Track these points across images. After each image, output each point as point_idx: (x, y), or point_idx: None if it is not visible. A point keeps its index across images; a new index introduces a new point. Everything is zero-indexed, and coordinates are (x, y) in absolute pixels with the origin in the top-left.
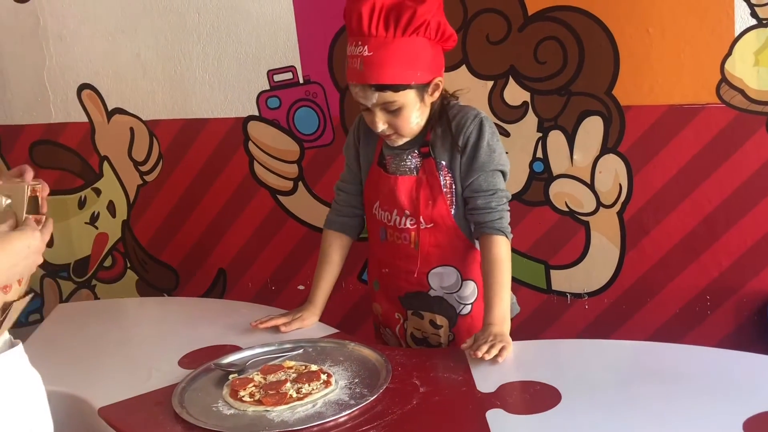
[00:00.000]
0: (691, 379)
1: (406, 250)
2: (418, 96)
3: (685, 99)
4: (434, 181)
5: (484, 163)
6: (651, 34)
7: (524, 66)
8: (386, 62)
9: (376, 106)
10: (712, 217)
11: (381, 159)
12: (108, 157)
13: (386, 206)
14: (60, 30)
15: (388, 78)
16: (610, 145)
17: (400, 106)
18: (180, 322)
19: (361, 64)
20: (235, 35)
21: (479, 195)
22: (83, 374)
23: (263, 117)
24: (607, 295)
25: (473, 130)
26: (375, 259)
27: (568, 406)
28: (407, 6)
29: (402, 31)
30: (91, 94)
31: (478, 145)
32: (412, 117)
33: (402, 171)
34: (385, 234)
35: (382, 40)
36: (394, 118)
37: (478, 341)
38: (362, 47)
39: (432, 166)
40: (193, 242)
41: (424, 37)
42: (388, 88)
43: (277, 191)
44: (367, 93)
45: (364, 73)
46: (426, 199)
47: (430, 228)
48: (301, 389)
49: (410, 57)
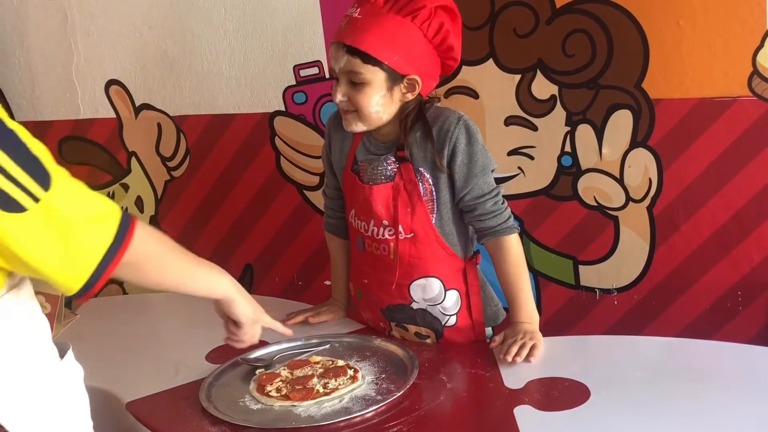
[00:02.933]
0: (722, 376)
1: (384, 261)
2: (388, 81)
3: (716, 92)
4: (412, 187)
5: (483, 165)
6: (681, 27)
7: (552, 59)
8: (369, 29)
9: (342, 73)
10: (743, 211)
11: (354, 164)
12: (136, 153)
13: (362, 216)
14: (88, 26)
15: (363, 44)
16: (640, 138)
17: (364, 82)
18: (207, 317)
19: (346, 23)
20: (261, 31)
21: (486, 199)
22: (111, 369)
23: (290, 112)
24: (637, 291)
25: (460, 135)
26: (355, 268)
27: (597, 403)
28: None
29: (398, 9)
30: (118, 90)
31: (473, 149)
32: (373, 100)
33: (377, 179)
34: (363, 244)
35: (376, 8)
36: (354, 92)
37: (506, 341)
38: (356, 9)
39: (410, 171)
40: (220, 238)
41: (419, 28)
42: (358, 55)
43: (304, 186)
44: (339, 54)
45: (345, 31)
46: (404, 207)
47: (410, 238)
48: (327, 384)
49: (395, 37)
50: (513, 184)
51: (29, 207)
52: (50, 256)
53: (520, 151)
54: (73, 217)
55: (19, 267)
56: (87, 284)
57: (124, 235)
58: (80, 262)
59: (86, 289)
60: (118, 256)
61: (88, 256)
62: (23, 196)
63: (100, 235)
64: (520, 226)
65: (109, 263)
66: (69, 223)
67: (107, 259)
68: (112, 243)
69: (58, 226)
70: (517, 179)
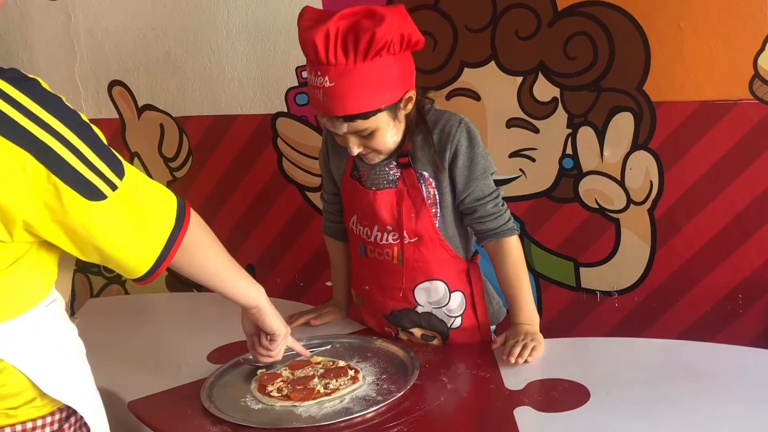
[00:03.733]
0: (722, 378)
1: (389, 267)
2: (391, 116)
3: (717, 95)
4: (416, 192)
5: (484, 168)
6: (683, 29)
7: (554, 62)
8: (350, 92)
9: (348, 134)
10: (744, 214)
11: (354, 170)
12: (138, 154)
13: (365, 222)
14: (91, 27)
15: (354, 108)
16: (641, 141)
17: (374, 130)
18: (209, 317)
19: (324, 96)
20: (264, 32)
21: (486, 201)
22: (113, 368)
23: (292, 113)
24: (638, 293)
25: (461, 138)
26: (356, 275)
27: (596, 404)
28: (365, 28)
29: (363, 56)
30: (121, 90)
31: (474, 152)
32: (387, 137)
33: (380, 184)
34: (365, 250)
35: (342, 68)
36: (368, 141)
37: (508, 342)
38: (322, 77)
39: (413, 177)
40: (222, 238)
41: (388, 55)
42: (357, 117)
43: (306, 187)
44: (336, 123)
45: (329, 104)
46: (409, 212)
47: (414, 242)
48: (328, 385)
49: (375, 81)
50: (514, 186)
51: (109, 195)
52: (126, 242)
53: (521, 153)
54: (144, 203)
55: (93, 254)
56: (153, 266)
57: (182, 218)
58: (149, 245)
59: (152, 271)
60: (180, 238)
61: (156, 240)
62: (103, 185)
63: (165, 219)
64: (521, 228)
65: (173, 246)
66: (141, 209)
67: (171, 242)
68: (174, 227)
69: (132, 212)
70: (519, 181)
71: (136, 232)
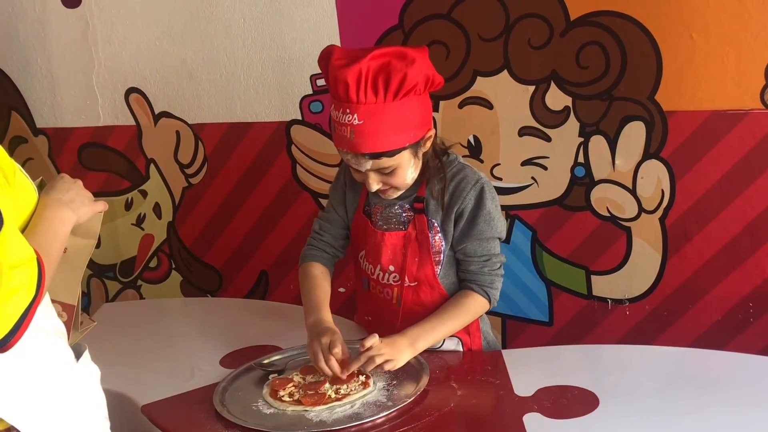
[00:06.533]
0: (732, 386)
1: (388, 305)
2: (413, 153)
3: (728, 104)
4: (424, 239)
5: (482, 231)
6: (694, 39)
7: (566, 71)
8: (379, 130)
9: (370, 171)
10: (755, 223)
11: (366, 206)
12: (154, 160)
13: (370, 259)
14: (109, 35)
15: (381, 146)
16: (653, 150)
17: (396, 167)
18: (222, 322)
19: (351, 133)
20: (280, 40)
21: (473, 260)
22: (127, 372)
23: (306, 121)
24: (649, 302)
25: (472, 198)
26: (359, 303)
27: (605, 411)
28: (396, 69)
29: (393, 96)
30: (138, 98)
31: (477, 213)
32: (407, 174)
33: (389, 225)
34: (368, 285)
35: (372, 107)
36: (388, 177)
37: (374, 347)
38: (351, 115)
39: (423, 223)
40: (236, 244)
41: (414, 95)
42: (383, 155)
43: (319, 194)
44: (360, 161)
45: (356, 142)
46: (413, 256)
47: (413, 286)
48: (339, 390)
49: (402, 120)
50: (526, 194)
51: None
52: None
53: (533, 161)
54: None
55: None
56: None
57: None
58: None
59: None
60: (36, 305)
61: (12, 311)
62: None
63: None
64: (533, 236)
65: (29, 313)
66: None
67: (27, 311)
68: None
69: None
70: (531, 189)
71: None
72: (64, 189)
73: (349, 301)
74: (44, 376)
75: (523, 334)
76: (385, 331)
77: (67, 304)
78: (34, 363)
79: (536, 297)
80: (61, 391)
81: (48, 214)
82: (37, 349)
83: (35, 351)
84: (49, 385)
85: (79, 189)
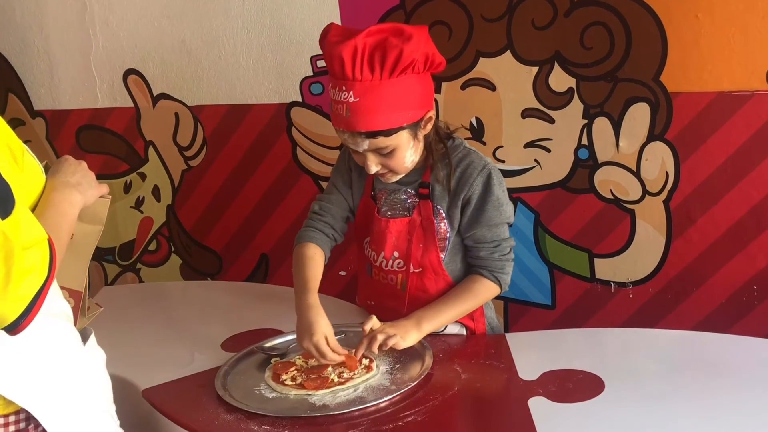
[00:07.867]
0: (737, 369)
1: (392, 291)
2: (411, 134)
3: (734, 86)
4: (429, 225)
5: (491, 217)
6: (700, 20)
7: (570, 52)
8: (375, 108)
9: (367, 151)
10: (760, 206)
11: (372, 191)
12: (153, 142)
13: (374, 246)
14: (107, 16)
15: (378, 124)
16: (657, 132)
17: (394, 148)
18: (223, 306)
19: (347, 110)
20: (279, 22)
21: (482, 246)
22: (128, 356)
23: (306, 103)
24: (652, 285)
25: (479, 184)
26: (362, 287)
27: (611, 395)
28: (393, 45)
29: (389, 73)
30: (137, 79)
31: (486, 199)
32: (406, 156)
33: (394, 212)
34: (371, 271)
35: (368, 84)
36: (387, 159)
37: (376, 330)
38: (347, 92)
39: (429, 210)
40: (236, 227)
41: (412, 74)
42: (380, 134)
43: (320, 177)
44: (357, 140)
45: (352, 120)
46: (418, 243)
47: (418, 273)
48: (342, 374)
49: (399, 98)
50: (529, 177)
51: None
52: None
53: (536, 143)
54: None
55: None
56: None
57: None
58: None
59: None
60: (47, 288)
61: (24, 292)
62: None
63: (37, 271)
64: (536, 219)
65: (41, 296)
66: (13, 257)
67: (39, 294)
68: (45, 279)
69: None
70: (534, 171)
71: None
72: (71, 171)
73: (350, 285)
74: (53, 359)
75: (526, 318)
76: (390, 317)
77: (74, 290)
78: (43, 346)
79: (539, 280)
80: (70, 374)
81: (57, 197)
82: (46, 331)
83: (44, 334)
84: (57, 368)
85: (85, 171)
